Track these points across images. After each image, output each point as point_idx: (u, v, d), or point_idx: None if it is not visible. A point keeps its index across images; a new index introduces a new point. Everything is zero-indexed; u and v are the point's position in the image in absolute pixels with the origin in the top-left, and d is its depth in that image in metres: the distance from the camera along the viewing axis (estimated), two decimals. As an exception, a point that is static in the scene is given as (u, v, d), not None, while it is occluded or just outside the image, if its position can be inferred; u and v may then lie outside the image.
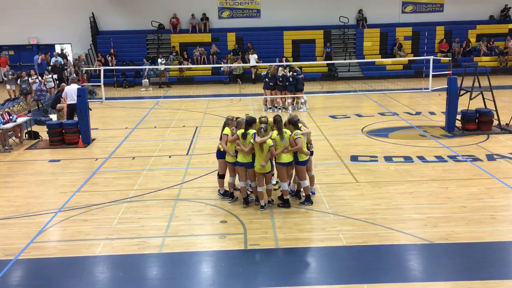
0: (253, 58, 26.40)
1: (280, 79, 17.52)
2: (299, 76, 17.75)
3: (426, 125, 15.14)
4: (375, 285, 6.39)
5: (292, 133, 8.64)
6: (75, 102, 14.47)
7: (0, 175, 11.33)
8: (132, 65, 26.53)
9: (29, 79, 19.66)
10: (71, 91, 15.20)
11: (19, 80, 19.66)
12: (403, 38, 28.52)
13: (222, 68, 27.06)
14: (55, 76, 22.50)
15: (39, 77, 20.74)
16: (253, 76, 26.16)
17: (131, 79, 26.49)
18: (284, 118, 9.03)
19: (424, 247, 7.39)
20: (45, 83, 20.90)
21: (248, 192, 9.13)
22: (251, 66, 26.20)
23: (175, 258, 7.24)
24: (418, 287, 6.38)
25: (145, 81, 25.25)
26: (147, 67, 24.90)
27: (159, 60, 25.97)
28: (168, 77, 26.49)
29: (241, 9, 29.31)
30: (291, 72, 17.64)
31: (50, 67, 24.02)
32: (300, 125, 8.83)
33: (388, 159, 11.74)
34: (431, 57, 17.58)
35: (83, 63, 25.55)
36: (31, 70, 20.83)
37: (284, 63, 20.06)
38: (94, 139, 14.29)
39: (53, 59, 26.04)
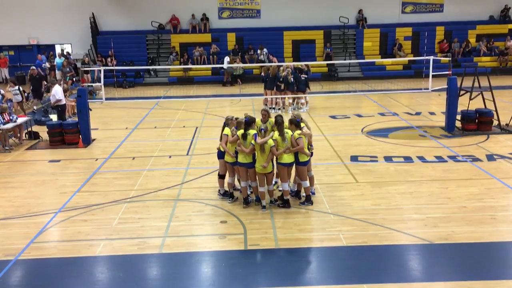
0: (263, 53, 26.79)
1: (281, 79, 17.48)
2: (302, 77, 17.61)
3: (426, 125, 15.14)
4: (375, 285, 6.40)
5: (293, 133, 8.64)
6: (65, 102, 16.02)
7: (0, 175, 11.33)
8: (132, 65, 26.52)
9: None
10: (61, 92, 15.64)
11: None
12: (403, 38, 28.51)
13: (222, 68, 27.07)
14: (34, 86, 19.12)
15: (1, 90, 17.59)
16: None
17: (131, 79, 26.50)
18: (286, 119, 9.03)
19: (424, 247, 7.39)
20: (10, 97, 17.50)
21: (248, 193, 9.13)
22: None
23: (175, 258, 7.24)
24: (418, 287, 6.38)
25: (97, 84, 24.12)
26: (97, 68, 23.45)
27: (225, 59, 25.81)
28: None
29: (241, 9, 29.31)
30: (291, 74, 17.54)
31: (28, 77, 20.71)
32: (302, 125, 8.83)
33: (388, 159, 11.74)
34: (431, 57, 17.57)
35: (68, 69, 24.34)
36: None
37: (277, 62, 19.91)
38: (94, 139, 14.29)
39: (56, 59, 25.99)
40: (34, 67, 19.95)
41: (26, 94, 18.99)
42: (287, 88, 17.58)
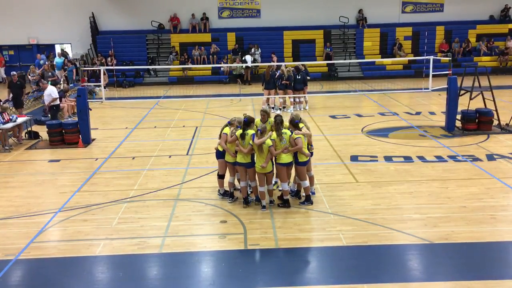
0: (257, 55, 26.78)
1: (274, 79, 17.58)
2: (294, 75, 17.61)
3: (426, 125, 15.14)
4: (375, 285, 6.39)
5: (292, 133, 8.64)
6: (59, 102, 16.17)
7: (0, 175, 11.32)
8: (132, 65, 26.51)
9: None
10: (56, 91, 15.74)
11: None
12: (403, 38, 28.51)
13: (222, 68, 27.07)
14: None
15: None
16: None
17: (131, 79, 26.50)
18: (286, 119, 9.02)
19: (424, 247, 7.39)
20: None
21: (248, 192, 9.12)
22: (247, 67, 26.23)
23: (175, 258, 7.24)
24: (418, 287, 6.38)
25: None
26: (78, 68, 22.23)
27: (248, 58, 25.69)
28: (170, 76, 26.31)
29: (241, 9, 29.30)
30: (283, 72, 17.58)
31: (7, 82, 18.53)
32: (301, 125, 8.82)
33: (388, 159, 11.73)
34: (431, 57, 17.56)
35: (50, 74, 22.83)
36: None
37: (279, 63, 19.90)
38: (94, 139, 14.28)
39: (56, 59, 25.94)
40: (14, 72, 18.14)
41: (2, 102, 16.73)
42: (286, 87, 17.60)
